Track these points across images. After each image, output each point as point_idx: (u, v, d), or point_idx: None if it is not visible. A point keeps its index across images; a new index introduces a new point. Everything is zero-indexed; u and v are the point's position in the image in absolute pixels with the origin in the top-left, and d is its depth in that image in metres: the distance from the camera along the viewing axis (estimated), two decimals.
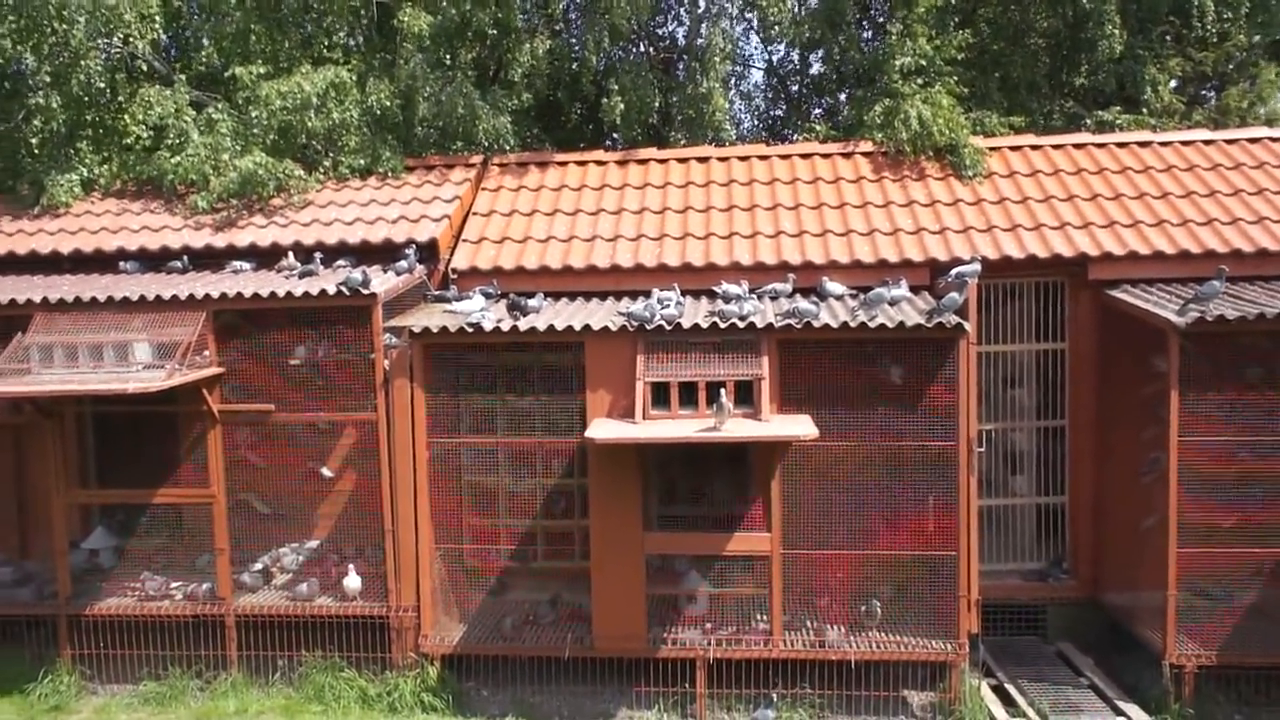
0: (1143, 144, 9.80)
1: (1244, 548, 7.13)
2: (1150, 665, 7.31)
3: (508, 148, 10.59)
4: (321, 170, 9.97)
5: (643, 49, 12.95)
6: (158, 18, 10.27)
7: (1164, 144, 9.76)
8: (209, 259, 9.12)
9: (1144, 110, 11.38)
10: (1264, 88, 12.25)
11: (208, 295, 7.77)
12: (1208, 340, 7.04)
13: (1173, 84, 11.94)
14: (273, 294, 7.71)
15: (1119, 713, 7.03)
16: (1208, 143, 9.74)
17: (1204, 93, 12.79)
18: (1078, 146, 9.84)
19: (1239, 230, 8.35)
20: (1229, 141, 9.73)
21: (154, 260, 9.13)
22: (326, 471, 8.20)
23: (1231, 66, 12.36)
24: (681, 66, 12.67)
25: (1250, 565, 7.14)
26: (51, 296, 7.92)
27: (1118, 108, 11.36)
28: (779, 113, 14.08)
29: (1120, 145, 9.81)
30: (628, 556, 7.33)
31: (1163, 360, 7.15)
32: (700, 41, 11.38)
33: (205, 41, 10.78)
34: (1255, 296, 7.48)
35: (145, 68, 10.60)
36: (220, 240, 9.16)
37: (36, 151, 9.88)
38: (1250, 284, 7.92)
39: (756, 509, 7.55)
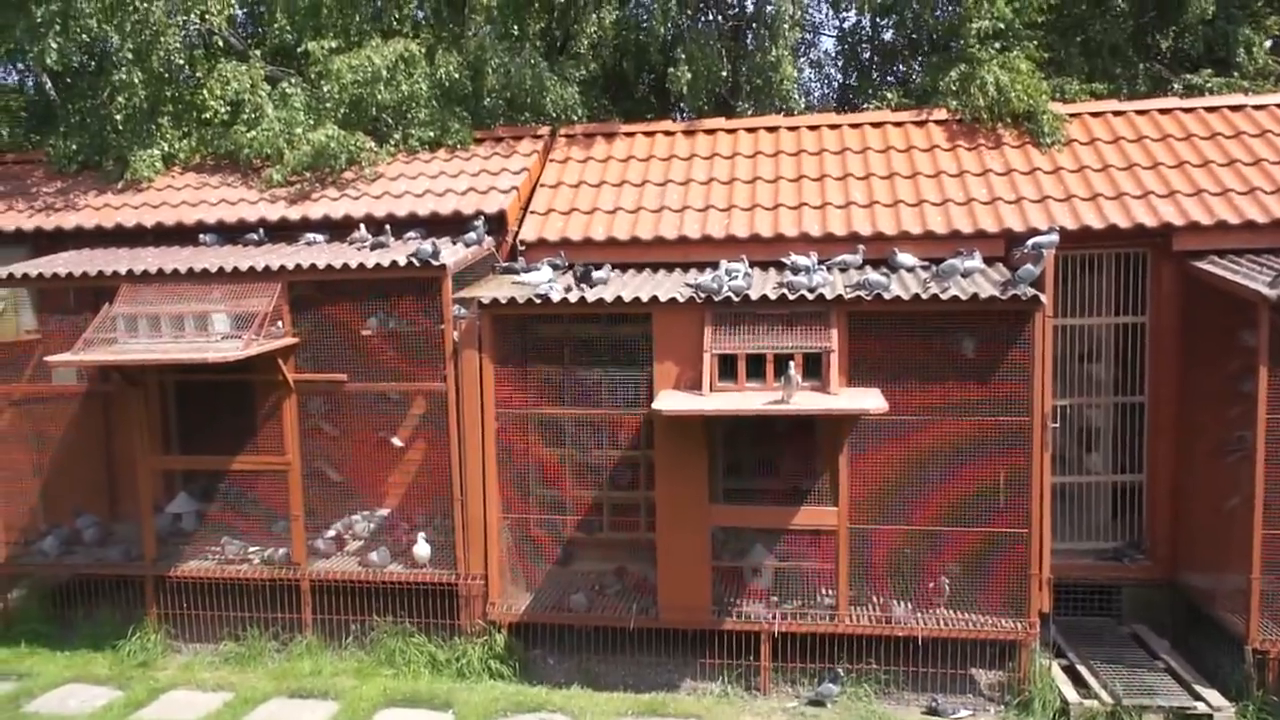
0: (1234, 108, 9.36)
1: None
2: (1231, 650, 7.10)
3: (576, 118, 10.57)
4: (391, 143, 10.08)
5: (711, 17, 12.78)
6: None
7: (1258, 108, 9.31)
8: (284, 231, 9.31)
9: (1236, 73, 10.87)
10: None
11: (282, 267, 7.94)
12: None
13: (1269, 44, 11.36)
14: (345, 265, 7.84)
15: (1197, 697, 6.84)
16: None
17: None
18: (1163, 111, 9.45)
19: None
20: None
21: (231, 233, 9.36)
22: (397, 441, 8.37)
23: None
24: (750, 35, 12.47)
25: None
26: (136, 268, 8.18)
27: (1209, 70, 10.87)
28: (850, 81, 13.79)
29: (1210, 110, 9.39)
30: (693, 528, 7.35)
31: (1251, 334, 6.89)
32: (769, 9, 11.18)
33: (279, 16, 10.93)
34: None
35: (222, 44, 10.82)
36: (294, 213, 9.34)
37: (121, 127, 10.16)
38: None
39: (824, 482, 7.48)
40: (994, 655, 7.36)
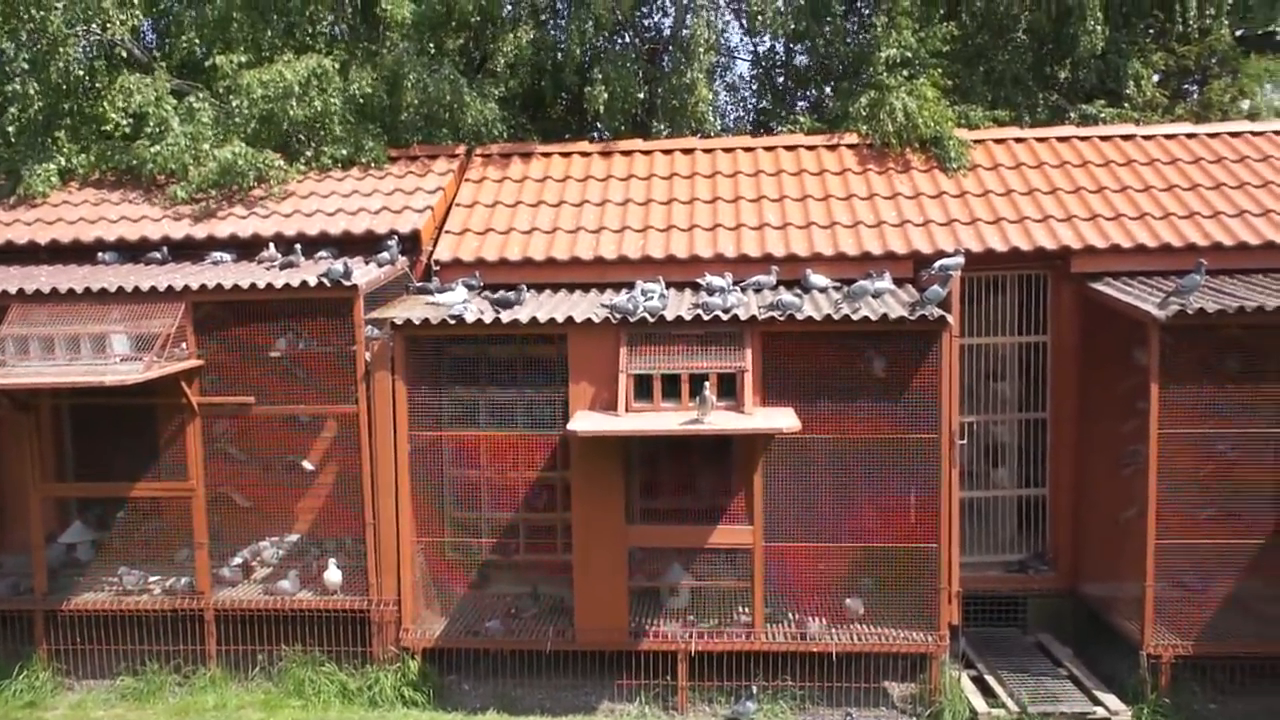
0: (1126, 137, 9.82)
1: (1221, 539, 7.17)
2: (1128, 655, 7.37)
3: (495, 135, 10.52)
4: (303, 160, 9.88)
5: (627, 39, 12.89)
6: (138, 4, 10.17)
7: (1147, 137, 9.79)
8: (189, 250, 9.02)
9: (1127, 104, 11.41)
10: (1246, 82, 12.31)
11: (187, 286, 7.70)
12: (1187, 333, 7.07)
13: (1156, 78, 11.96)
14: (253, 285, 7.64)
15: (1096, 702, 7.08)
16: (1190, 136, 9.76)
17: (1187, 87, 12.83)
18: (1061, 139, 9.85)
19: (1220, 224, 8.38)
20: (1211, 135, 9.76)
21: (133, 251, 9.04)
22: (308, 465, 8.15)
23: (1214, 61, 12.40)
24: (666, 57, 12.61)
25: (1227, 556, 7.17)
26: (28, 288, 7.85)
27: (1102, 101, 11.39)
28: (765, 104, 14.03)
29: (1104, 138, 9.83)
30: (610, 550, 7.33)
31: (1143, 353, 7.18)
32: (685, 32, 11.33)
33: (186, 29, 10.64)
34: (1235, 289, 7.52)
35: (125, 55, 10.48)
36: (200, 231, 9.08)
37: (13, 140, 9.75)
38: (1230, 277, 7.96)
39: (739, 502, 7.54)
40: (906, 668, 7.49)
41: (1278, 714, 7.10)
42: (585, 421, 6.97)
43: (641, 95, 11.32)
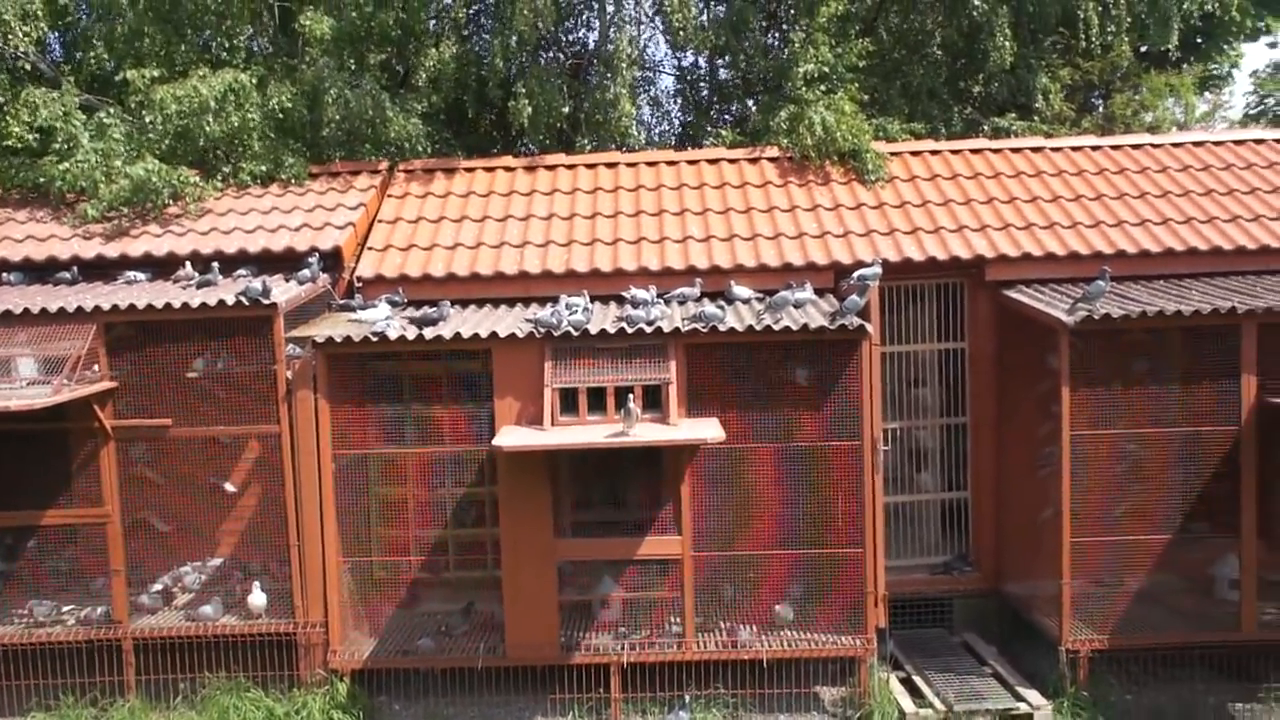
0: (1035, 149, 10.16)
1: (1133, 535, 7.42)
2: (1049, 652, 7.57)
3: (419, 151, 10.45)
4: (221, 177, 9.69)
5: (551, 54, 12.93)
6: (42, 16, 9.88)
7: (1055, 149, 10.14)
8: (101, 270, 8.77)
9: (1036, 117, 11.82)
10: (1149, 96, 12.84)
11: (98, 307, 7.48)
12: (1095, 338, 7.33)
13: (1063, 92, 12.42)
14: (168, 305, 7.46)
15: (1019, 698, 7.27)
16: (1095, 148, 10.15)
17: (1092, 100, 13.34)
18: (975, 151, 10.15)
19: (1124, 232, 8.72)
20: (1114, 147, 10.16)
21: (41, 271, 8.76)
22: (229, 487, 7.97)
23: (1117, 76, 12.92)
24: (591, 72, 12.68)
25: (1139, 552, 7.43)
26: None
27: (1013, 114, 11.79)
28: (689, 119, 14.19)
29: (1015, 150, 10.16)
30: (539, 564, 7.31)
31: (1055, 357, 7.42)
32: (609, 47, 11.41)
33: (95, 42, 10.37)
34: (1139, 295, 7.81)
35: (29, 69, 10.16)
36: (112, 250, 8.84)
37: None
38: (1135, 283, 8.28)
39: (668, 512, 7.58)
40: (836, 672, 7.59)
41: (1188, 702, 7.37)
42: (511, 436, 6.95)
43: (566, 110, 11.35)
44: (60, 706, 7.52)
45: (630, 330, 7.30)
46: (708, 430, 6.85)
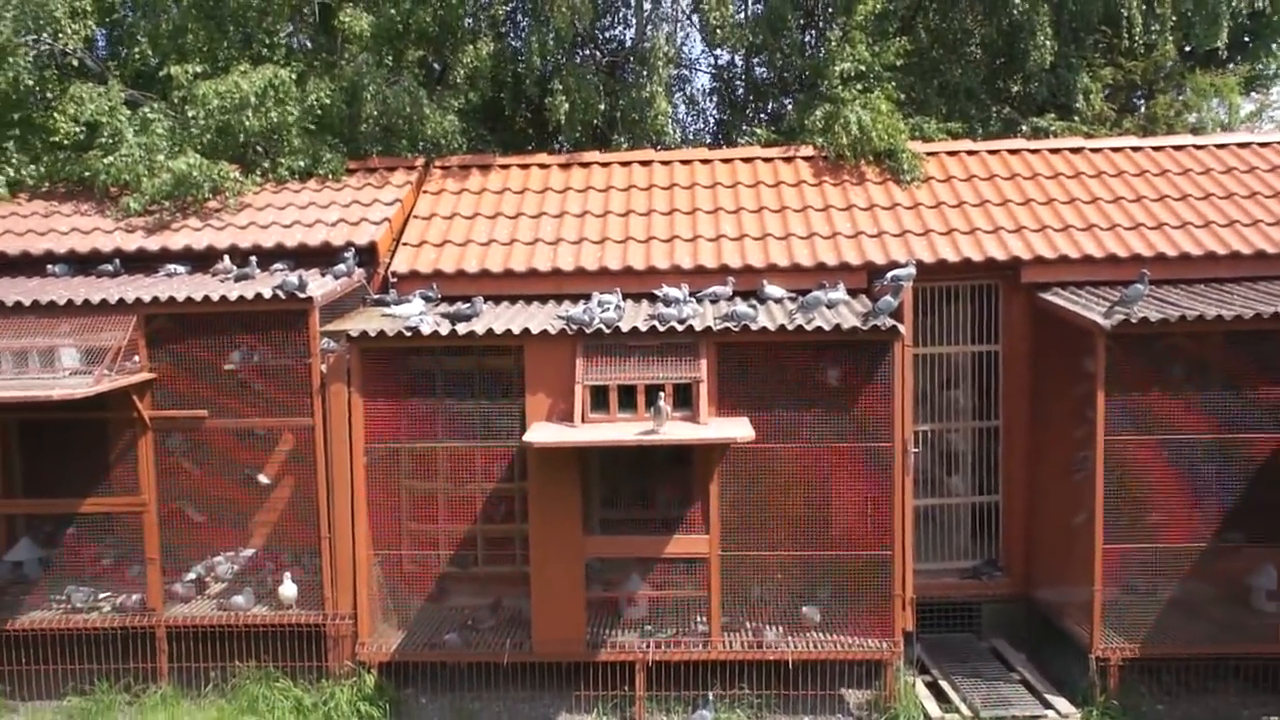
0: (1075, 150, 10.02)
1: (1167, 543, 7.31)
2: (1079, 659, 7.49)
3: (455, 147, 10.53)
4: (260, 172, 9.83)
5: (588, 52, 12.95)
6: (90, 13, 10.07)
7: (1095, 150, 9.99)
8: (142, 262, 8.93)
9: (1076, 117, 11.64)
10: (1193, 96, 12.59)
11: (138, 299, 7.62)
12: (1132, 341, 7.22)
13: (1104, 92, 12.22)
14: (206, 298, 7.58)
15: (1048, 706, 7.20)
16: (1136, 149, 9.99)
17: (1134, 101, 13.10)
18: (1012, 152, 10.03)
19: (1164, 235, 8.58)
20: (1156, 148, 9.98)
21: (84, 263, 8.93)
22: (263, 478, 8.08)
23: (1161, 76, 12.68)
24: (627, 70, 12.69)
25: (1173, 560, 7.32)
26: None
27: (1052, 114, 11.61)
28: (724, 117, 14.15)
29: (1053, 151, 10.03)
30: (567, 561, 7.33)
31: (1090, 361, 7.32)
32: (645, 45, 11.41)
33: (140, 39, 10.55)
34: (1177, 299, 7.69)
35: (77, 65, 10.37)
36: (153, 243, 8.99)
37: None
38: (1174, 287, 8.14)
39: (697, 511, 7.58)
40: (862, 675, 7.56)
41: (1221, 714, 7.26)
42: (542, 433, 6.99)
43: (602, 107, 11.38)
44: (95, 692, 7.67)
45: (662, 328, 7.31)
46: (738, 429, 6.84)
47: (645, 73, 11.20)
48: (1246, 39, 13.36)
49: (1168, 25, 11.32)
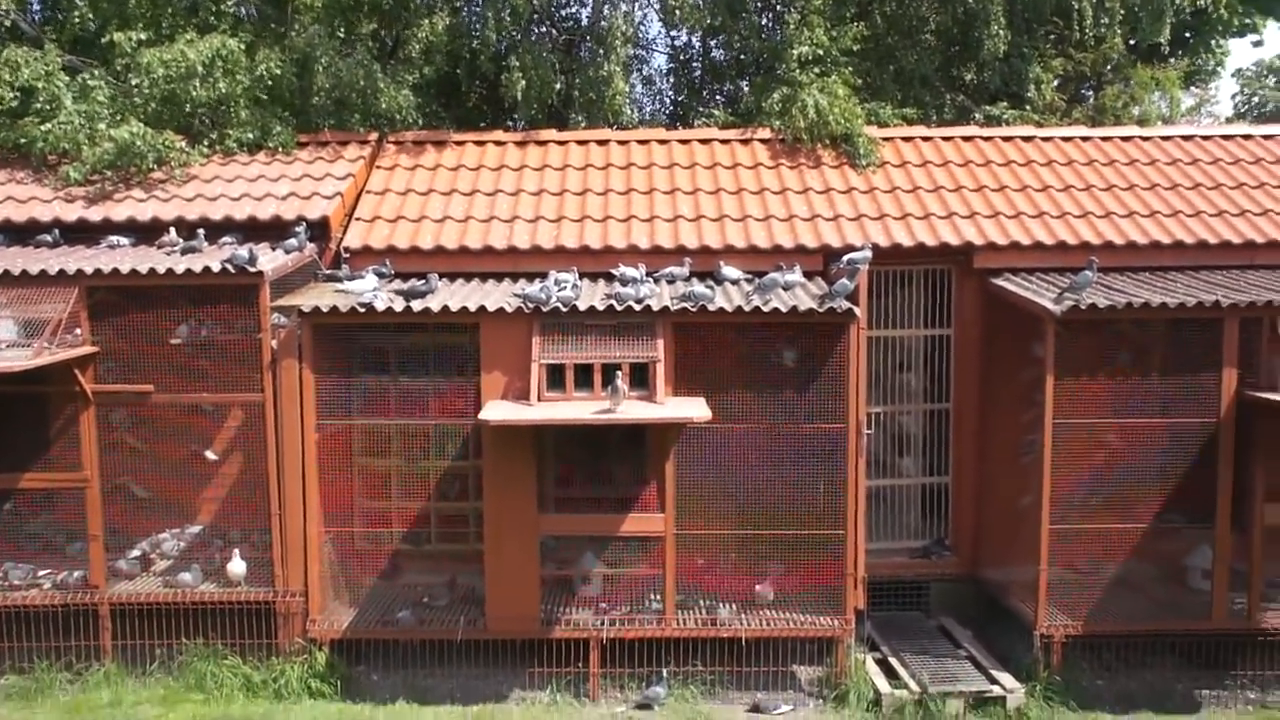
0: (1026, 138, 10.18)
1: (1110, 523, 7.49)
2: (1023, 636, 7.66)
3: (409, 122, 10.37)
4: (207, 143, 9.57)
5: (545, 29, 12.83)
6: None
7: (1045, 139, 10.16)
8: (83, 233, 8.65)
9: (1028, 106, 11.84)
10: (1137, 89, 12.89)
11: (80, 271, 7.40)
12: (1081, 327, 7.38)
13: (1055, 82, 12.44)
14: (152, 270, 7.38)
15: (993, 681, 7.36)
16: (1085, 139, 10.18)
17: (1083, 92, 13.38)
18: (966, 139, 10.16)
19: (1111, 223, 8.76)
20: (1104, 139, 10.19)
21: (21, 233, 8.63)
22: (210, 455, 7.92)
23: (1109, 68, 12.95)
24: (584, 48, 12.60)
25: (1115, 540, 7.50)
26: None
27: (1004, 103, 11.80)
28: (681, 98, 14.14)
29: (1006, 139, 10.18)
30: (522, 538, 7.32)
31: (1040, 346, 7.46)
32: (602, 24, 11.33)
33: (79, 3, 10.20)
34: (1124, 286, 7.86)
35: (8, 27, 9.98)
36: (95, 214, 8.73)
37: None
38: (1120, 274, 8.32)
39: (652, 490, 7.60)
40: (814, 652, 7.66)
41: (1158, 688, 7.49)
42: (497, 411, 6.95)
43: (558, 86, 11.28)
44: (34, 670, 7.49)
45: (619, 308, 7.29)
46: (694, 409, 6.87)
47: (602, 52, 11.14)
48: (1188, 34, 13.70)
49: (1116, 18, 11.54)
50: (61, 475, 7.52)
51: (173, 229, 8.44)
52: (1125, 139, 10.19)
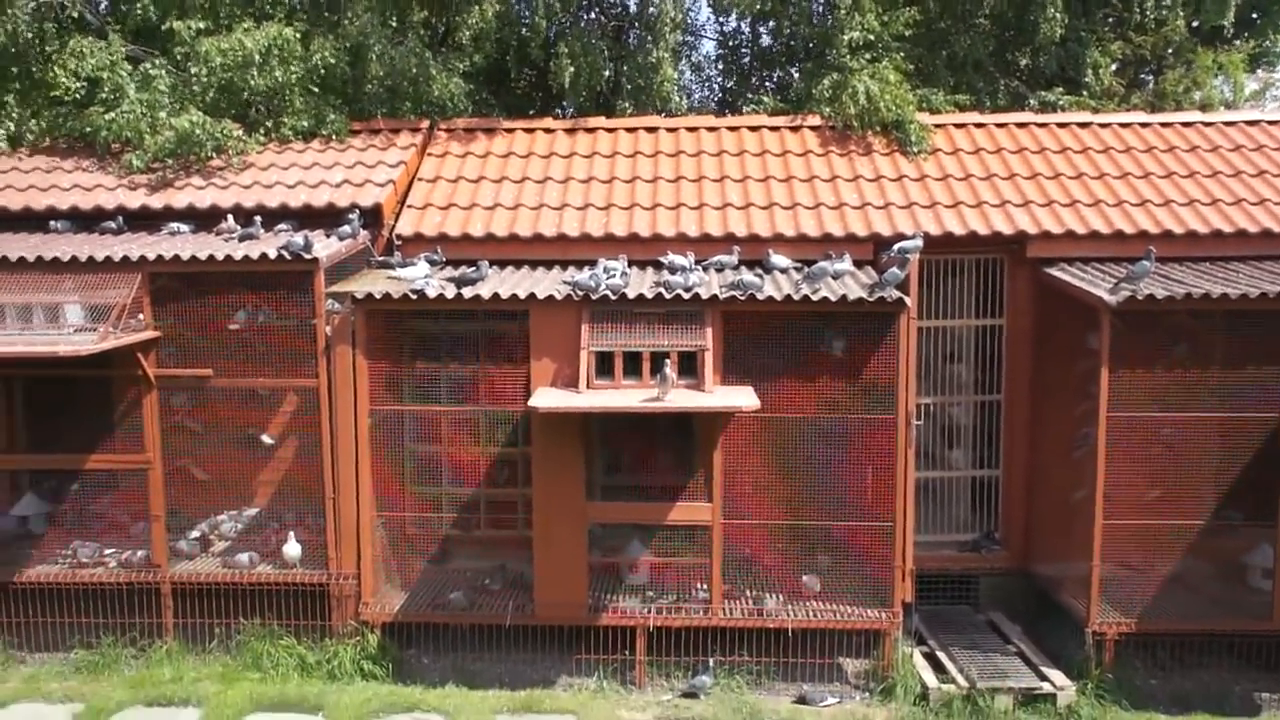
0: (1082, 125, 9.97)
1: (1166, 519, 7.36)
2: (1075, 633, 7.57)
3: (460, 110, 10.45)
4: (263, 131, 9.73)
5: (593, 16, 12.81)
6: None
7: (1103, 125, 9.95)
8: (145, 220, 8.85)
9: (1085, 92, 11.56)
10: (1199, 73, 12.52)
11: (143, 257, 7.59)
12: (1138, 319, 7.23)
13: (1113, 67, 12.15)
14: (211, 257, 7.55)
15: (1043, 678, 7.28)
16: (1144, 125, 9.94)
17: (1143, 76, 13.03)
18: (1020, 125, 9.99)
19: (1170, 212, 8.56)
20: (1164, 125, 9.94)
21: (87, 220, 8.86)
22: (267, 438, 8.10)
23: (1170, 51, 12.59)
24: (632, 35, 12.56)
25: (1171, 537, 7.37)
26: None
27: (1060, 89, 11.53)
28: (730, 84, 14.04)
29: (1061, 125, 9.98)
30: (570, 525, 7.38)
31: (1095, 337, 7.34)
32: (651, 10, 11.29)
33: None
34: (1183, 277, 7.70)
35: (76, 18, 10.22)
36: (157, 201, 8.93)
37: None
38: (1179, 264, 8.14)
39: (699, 479, 7.62)
40: (860, 644, 7.65)
41: (1214, 689, 7.36)
42: (546, 398, 7.00)
43: (607, 73, 11.27)
44: (101, 645, 7.73)
45: (668, 295, 7.30)
46: (742, 398, 6.86)
47: (651, 38, 11.09)
48: (1254, 15, 13.28)
49: (1178, 1, 11.21)
50: (125, 457, 7.74)
51: (230, 216, 8.61)
52: (1186, 125, 9.93)
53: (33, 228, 8.79)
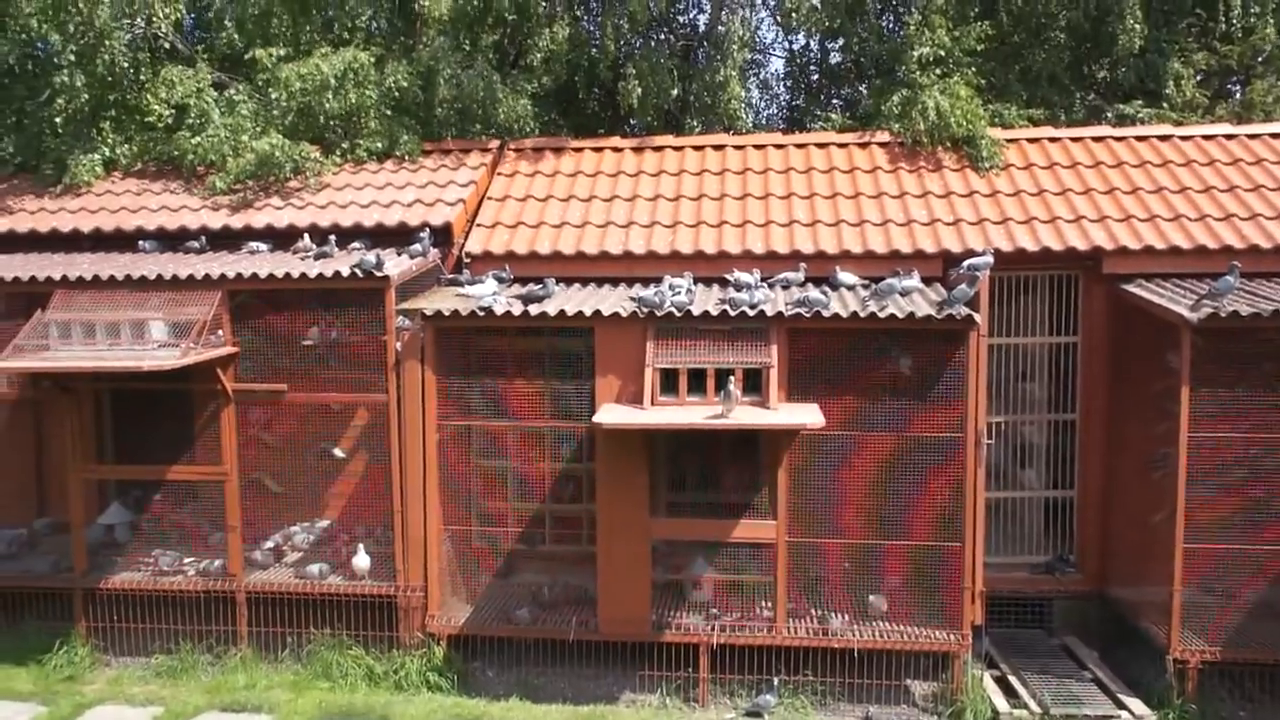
0: (1163, 138, 9.70)
1: (1251, 544, 7.08)
2: (1154, 660, 7.30)
3: (528, 131, 10.63)
4: (339, 153, 10.04)
5: (661, 36, 12.94)
6: None
7: (1184, 138, 9.66)
8: (226, 239, 9.19)
9: (1166, 104, 11.26)
10: None
11: (223, 275, 7.87)
12: (1220, 336, 6.99)
13: (1196, 78, 11.79)
14: (287, 275, 7.80)
15: (1121, 706, 7.03)
16: (1229, 137, 9.63)
17: (1229, 87, 12.63)
18: (1096, 139, 9.76)
19: (1257, 226, 8.27)
20: (1251, 136, 9.62)
21: (172, 240, 9.23)
22: (339, 452, 8.30)
23: (1259, 60, 12.19)
24: (700, 54, 12.65)
25: (1257, 561, 7.09)
26: (71, 274, 8.05)
27: (1139, 101, 11.25)
28: (798, 102, 14.03)
29: (1139, 139, 9.72)
30: (634, 542, 7.39)
31: (1175, 355, 7.11)
32: (719, 29, 11.37)
33: (227, 23, 10.85)
34: (1270, 293, 7.41)
35: (168, 48, 10.70)
36: (237, 221, 9.26)
37: (60, 131, 10.00)
38: (1267, 280, 7.84)
39: (764, 497, 7.56)
40: (928, 666, 7.49)
41: None
42: (611, 414, 7.04)
43: (674, 92, 11.37)
44: (180, 651, 7.98)
45: (733, 313, 7.30)
46: (807, 416, 6.81)
47: (719, 57, 11.18)
48: None
49: (1268, 7, 10.86)
50: (204, 468, 8.01)
51: (306, 235, 8.88)
52: (1275, 136, 9.58)
53: (123, 247, 9.19)
